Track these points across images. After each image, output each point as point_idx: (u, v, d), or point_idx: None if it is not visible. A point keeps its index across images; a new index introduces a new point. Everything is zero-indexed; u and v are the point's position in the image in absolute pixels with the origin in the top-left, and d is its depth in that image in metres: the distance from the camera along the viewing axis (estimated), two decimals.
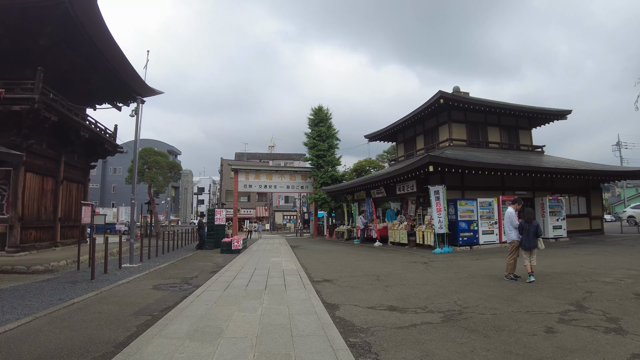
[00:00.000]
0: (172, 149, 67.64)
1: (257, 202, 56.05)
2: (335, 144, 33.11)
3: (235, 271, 10.80)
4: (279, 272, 10.43)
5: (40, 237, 15.49)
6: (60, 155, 16.89)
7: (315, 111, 33.40)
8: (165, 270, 11.28)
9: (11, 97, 13.37)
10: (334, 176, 31.92)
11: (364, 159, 34.78)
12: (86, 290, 8.12)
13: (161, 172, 31.91)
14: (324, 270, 10.94)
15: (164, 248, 17.58)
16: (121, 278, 9.66)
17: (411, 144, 25.56)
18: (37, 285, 8.76)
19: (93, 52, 15.88)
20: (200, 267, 12.12)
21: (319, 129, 32.64)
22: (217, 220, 20.67)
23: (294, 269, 11.18)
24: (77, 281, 9.37)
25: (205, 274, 10.52)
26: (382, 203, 24.42)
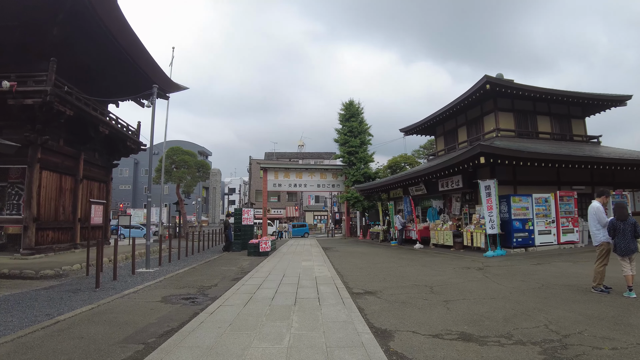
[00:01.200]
0: (203, 149, 67.58)
1: (287, 202, 54.91)
2: (367, 140, 31.37)
3: (261, 278, 9.35)
4: (311, 280, 8.90)
5: (58, 239, 14.60)
6: (80, 153, 16.00)
7: (346, 106, 31.77)
8: (183, 276, 9.97)
9: (23, 90, 12.55)
10: (367, 174, 30.20)
11: (398, 155, 32.90)
12: (84, 302, 6.87)
13: (189, 171, 31.16)
14: (363, 279, 9.33)
15: (187, 250, 16.46)
16: (130, 286, 8.39)
17: (452, 136, 23.53)
18: (32, 295, 7.62)
19: (110, 44, 14.90)
20: (223, 272, 10.76)
21: (350, 124, 30.99)
22: (245, 221, 19.39)
23: (328, 276, 9.63)
24: (80, 290, 8.18)
25: (227, 281, 9.12)
26: (422, 201, 22.55)
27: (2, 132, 13.73)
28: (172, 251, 15.85)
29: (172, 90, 21.68)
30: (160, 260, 12.80)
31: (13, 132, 13.45)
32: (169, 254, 13.94)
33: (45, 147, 13.70)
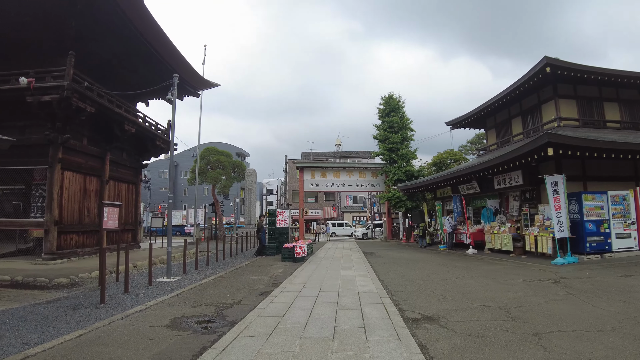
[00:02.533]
0: (241, 151, 67.33)
1: (325, 203, 53.49)
2: (409, 136, 29.38)
3: (293, 293, 7.88)
4: (352, 298, 7.32)
5: (83, 243, 13.82)
6: (105, 153, 15.23)
7: (386, 100, 29.92)
8: (205, 288, 8.67)
9: (41, 87, 11.79)
10: (410, 172, 28.23)
11: (444, 151, 30.63)
12: (77, 324, 5.72)
13: (224, 172, 30.33)
14: (417, 295, 7.67)
15: (217, 254, 15.25)
16: (139, 302, 7.16)
17: (505, 128, 21.24)
18: (26, 312, 6.56)
19: (133, 37, 14.04)
20: (251, 283, 9.39)
21: (390, 119, 29.13)
22: (280, 222, 18.06)
23: (374, 291, 8.01)
24: (83, 305, 7.04)
25: (253, 296, 7.72)
26: (474, 201, 20.43)
27: (24, 132, 13.12)
28: (202, 255, 14.81)
29: (203, 87, 20.81)
30: (185, 267, 11.63)
31: (34, 132, 12.80)
32: (195, 260, 12.76)
33: (67, 147, 12.92)
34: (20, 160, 12.84)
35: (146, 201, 48.10)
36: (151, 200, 55.72)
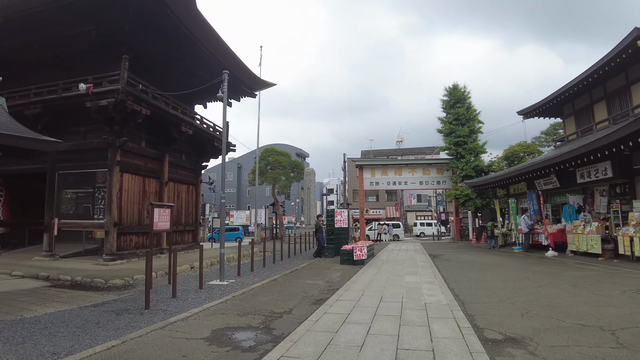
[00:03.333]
0: (300, 151, 67.65)
1: (387, 202, 51.90)
2: (477, 128, 27.27)
3: (351, 302, 7.02)
4: (418, 311, 6.31)
5: (143, 244, 13.96)
6: (164, 155, 15.36)
7: (450, 91, 28.06)
8: (256, 293, 8.08)
9: (98, 92, 12.00)
10: (479, 167, 26.19)
11: (516, 144, 28.16)
12: (115, 332, 5.40)
13: (283, 172, 30.24)
14: (494, 307, 6.50)
15: (274, 255, 14.78)
16: (184, 309, 6.69)
17: (585, 115, 18.84)
18: (72, 315, 6.39)
19: (189, 42, 14.09)
20: (306, 288, 8.67)
21: (455, 111, 27.23)
22: (338, 223, 17.23)
23: (443, 302, 6.93)
24: (127, 310, 6.73)
25: (306, 305, 6.97)
26: (553, 197, 18.33)
27: (86, 136, 13.50)
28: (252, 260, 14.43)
29: (259, 87, 20.62)
30: (239, 269, 11.20)
31: (95, 136, 13.12)
32: (251, 262, 12.34)
33: (125, 149, 13.10)
34: (84, 164, 13.24)
35: (211, 202, 49.57)
36: (216, 201, 57.39)
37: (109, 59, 12.83)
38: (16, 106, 13.10)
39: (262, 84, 20.37)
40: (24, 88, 13.33)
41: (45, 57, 13.84)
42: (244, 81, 18.41)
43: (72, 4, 11.57)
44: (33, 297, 7.91)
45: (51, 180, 13.49)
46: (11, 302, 7.47)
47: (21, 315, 6.40)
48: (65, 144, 13.54)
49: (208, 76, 17.38)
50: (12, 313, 6.56)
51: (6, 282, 9.69)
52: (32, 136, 6.39)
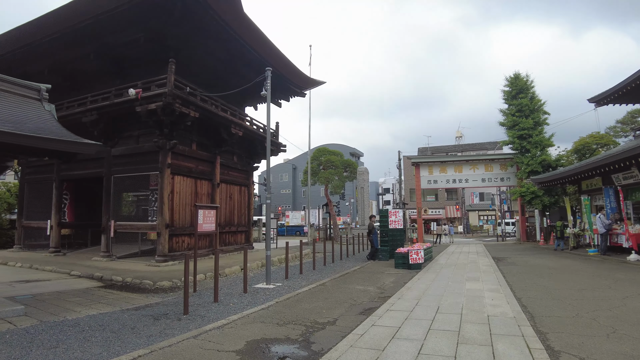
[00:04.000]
0: (355, 151, 67.10)
1: (446, 201, 49.73)
2: (543, 120, 25.06)
3: (403, 313, 6.32)
4: (480, 325, 5.49)
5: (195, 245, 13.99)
6: (215, 156, 15.40)
7: (511, 80, 26.05)
8: (301, 300, 7.59)
9: (147, 96, 12.14)
10: (546, 161, 24.05)
11: (587, 135, 25.60)
12: (148, 339, 5.19)
13: (336, 171, 29.71)
14: (570, 324, 5.52)
15: (325, 257, 14.30)
16: (223, 315, 6.36)
17: None
18: (111, 319, 6.25)
19: (236, 44, 14.06)
20: (354, 295, 8.05)
21: (518, 101, 25.22)
22: (393, 224, 16.38)
23: (509, 315, 6.03)
24: (166, 315, 6.53)
25: (352, 314, 6.37)
26: (634, 193, 16.23)
27: (138, 140, 13.78)
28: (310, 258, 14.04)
29: (308, 86, 20.24)
30: (287, 272, 10.79)
31: (146, 140, 13.33)
32: (299, 265, 11.92)
33: (176, 152, 13.20)
34: (137, 167, 13.52)
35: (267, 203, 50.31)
36: (272, 202, 58.25)
37: (158, 64, 12.96)
38: (75, 114, 13.70)
39: (311, 83, 20.00)
40: (81, 97, 13.88)
41: (101, 66, 14.34)
42: (293, 80, 18.12)
43: (121, 14, 11.76)
44: (82, 298, 7.98)
45: (107, 184, 13.92)
46: (61, 302, 7.56)
47: (64, 317, 6.38)
48: (120, 148, 14.00)
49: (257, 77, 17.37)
50: (56, 314, 6.57)
51: (64, 281, 10.00)
52: (72, 139, 6.29)
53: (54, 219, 15.21)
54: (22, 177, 17.30)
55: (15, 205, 19.60)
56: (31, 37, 13.56)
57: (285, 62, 16.49)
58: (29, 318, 6.27)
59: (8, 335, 5.37)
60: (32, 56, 14.61)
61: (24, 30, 13.39)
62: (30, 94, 7.83)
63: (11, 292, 8.35)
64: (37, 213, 16.26)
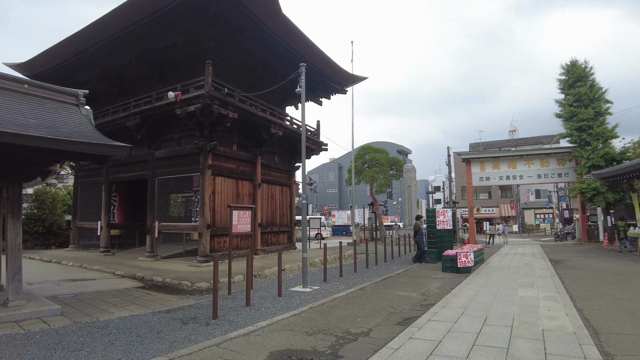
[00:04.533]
0: (402, 148, 65.53)
1: (500, 199, 47.27)
2: (604, 109, 22.93)
3: (446, 324, 5.76)
4: (533, 342, 4.82)
5: (236, 245, 14.02)
6: (256, 157, 15.36)
7: (568, 68, 24.10)
8: (336, 306, 7.17)
9: (186, 98, 12.27)
10: (609, 155, 21.99)
11: None
12: (170, 345, 5.00)
13: (381, 169, 28.96)
14: None
15: (367, 259, 13.78)
16: (251, 321, 6.09)
17: None
18: (140, 322, 6.17)
19: (275, 44, 13.98)
20: (394, 302, 7.53)
21: (575, 90, 23.27)
22: (441, 224, 15.57)
23: (568, 329, 5.30)
24: (195, 319, 6.38)
25: (390, 325, 5.88)
26: None
27: (180, 143, 13.97)
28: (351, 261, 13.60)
29: (350, 82, 19.78)
30: (325, 274, 10.41)
31: (188, 142, 13.48)
32: (339, 266, 11.50)
33: (217, 153, 13.23)
34: (179, 169, 13.72)
35: (313, 203, 50.29)
36: (317, 201, 58.22)
37: (197, 67, 13.04)
38: (120, 118, 14.15)
39: (353, 79, 19.52)
40: (125, 102, 14.29)
41: (144, 71, 14.77)
42: (332, 77, 17.73)
43: (160, 18, 11.94)
44: (119, 298, 8.05)
45: (152, 186, 14.22)
46: (98, 302, 7.65)
47: (97, 318, 6.40)
48: (163, 151, 14.26)
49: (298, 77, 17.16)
50: (90, 315, 6.62)
51: (107, 281, 10.24)
52: (101, 142, 6.27)
53: (103, 220, 15.81)
54: (76, 181, 18.19)
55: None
56: (80, 47, 14.14)
57: (323, 58, 16.17)
58: (64, 318, 6.35)
59: (39, 335, 5.41)
60: (82, 65, 15.27)
61: (74, 40, 13.97)
62: (69, 99, 7.98)
63: (56, 291, 8.61)
64: (89, 214, 17.01)
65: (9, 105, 6.84)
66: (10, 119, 6.29)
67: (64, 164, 8.51)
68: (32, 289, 8.67)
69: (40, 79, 15.97)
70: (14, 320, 6.06)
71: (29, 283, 9.48)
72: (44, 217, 19.44)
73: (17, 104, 7.00)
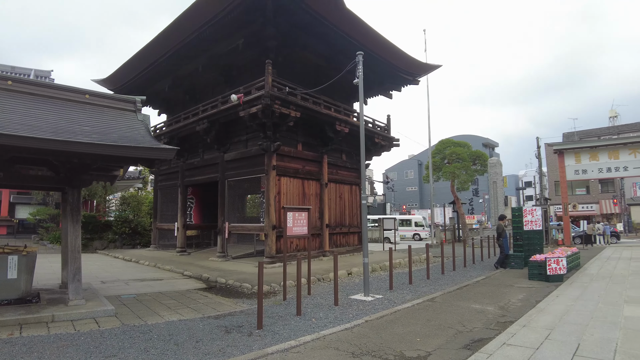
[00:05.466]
0: (488, 141, 61.32)
1: (601, 194, 41.79)
2: None
3: (524, 351, 4.74)
4: None
5: (304, 246, 13.72)
6: (322, 156, 14.99)
7: None
8: (395, 321, 6.40)
9: (248, 100, 12.26)
10: None
11: None
12: (202, 358, 4.66)
13: (462, 165, 27.01)
14: None
15: (442, 264, 12.59)
16: (297, 334, 5.61)
17: None
18: (182, 327, 5.99)
19: (335, 37, 13.45)
20: (466, 318, 6.54)
21: None
22: (528, 224, 13.84)
23: None
24: (240, 328, 6.07)
25: (454, 349, 5.00)
26: None
27: (247, 145, 14.03)
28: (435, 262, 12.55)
29: (421, 72, 18.55)
30: (392, 282, 9.56)
31: (253, 143, 13.51)
32: (409, 272, 10.54)
33: (281, 154, 13.07)
34: (246, 170, 13.83)
35: (391, 201, 48.95)
36: (396, 200, 56.60)
37: (260, 67, 12.90)
38: (190, 124, 14.62)
39: (424, 68, 18.20)
40: (195, 107, 14.73)
41: (211, 77, 15.23)
42: (402, 67, 16.69)
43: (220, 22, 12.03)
44: (176, 301, 8.06)
45: (222, 187, 14.48)
46: (154, 304, 7.71)
47: (145, 321, 6.36)
48: (231, 153, 14.43)
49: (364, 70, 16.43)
50: (142, 317, 6.63)
51: (173, 281, 10.48)
52: (144, 145, 6.20)
53: (179, 221, 16.48)
54: (156, 184, 19.31)
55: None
56: (151, 58, 14.89)
57: (390, 48, 15.22)
58: (116, 319, 6.41)
59: (84, 337, 5.44)
60: (155, 75, 16.09)
61: (145, 52, 14.71)
62: (127, 106, 8.17)
63: (123, 291, 8.92)
64: (168, 216, 17.89)
65: (70, 114, 7.12)
66: (66, 127, 6.47)
67: (127, 168, 8.70)
68: (102, 287, 9.17)
69: (122, 91, 17.23)
70: (70, 320, 6.26)
71: (102, 282, 10.01)
72: (130, 219, 20.97)
73: (76, 113, 7.26)
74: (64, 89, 7.67)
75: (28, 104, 6.87)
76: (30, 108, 6.78)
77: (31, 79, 11.55)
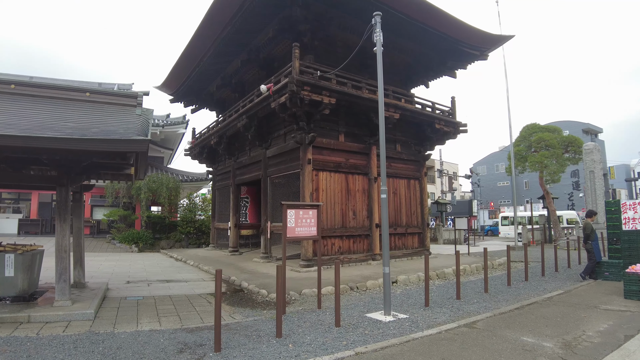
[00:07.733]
0: (589, 127, 53.46)
1: None
2: None
3: None
4: None
5: (349, 248, 12.59)
6: (369, 147, 13.60)
7: None
8: (397, 356, 4.98)
9: (277, 89, 11.38)
10: None
11: None
12: None
13: (552, 153, 23.31)
14: None
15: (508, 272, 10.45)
16: None
17: None
18: (135, 342, 5.07)
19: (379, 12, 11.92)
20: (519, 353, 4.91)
21: None
22: (629, 223, 10.99)
23: None
24: (201, 346, 5.07)
25: None
26: None
27: (285, 139, 13.26)
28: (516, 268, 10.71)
29: (489, 45, 15.91)
30: (427, 297, 7.72)
31: (290, 137, 12.76)
32: (456, 283, 8.75)
33: (319, 146, 12.02)
34: (285, 166, 13.06)
35: (477, 198, 45.10)
36: (483, 197, 52.09)
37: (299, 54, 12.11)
38: (233, 121, 14.22)
39: (492, 41, 15.39)
40: (236, 104, 14.36)
41: (254, 71, 14.76)
42: (464, 41, 14.36)
43: (248, 12, 11.44)
44: (176, 306, 7.49)
45: (264, 185, 13.88)
46: (148, 309, 7.21)
47: (113, 330, 5.84)
48: (272, 149, 13.74)
49: (419, 48, 14.73)
50: (116, 324, 6.14)
51: (197, 283, 10.12)
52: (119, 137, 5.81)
53: (231, 220, 16.28)
54: (213, 184, 19.47)
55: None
56: (196, 57, 14.79)
57: (446, 18, 13.18)
58: (88, 325, 6.02)
59: (30, 342, 5.06)
60: (204, 76, 16.10)
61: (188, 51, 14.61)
62: (129, 102, 7.91)
63: (136, 292, 8.63)
64: (224, 215, 17.86)
65: (62, 112, 6.94)
66: (48, 124, 6.28)
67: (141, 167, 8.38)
68: (121, 287, 9.08)
69: (178, 95, 17.59)
70: (45, 321, 6.02)
71: (127, 282, 9.92)
72: (193, 219, 21.49)
73: (71, 111, 7.12)
74: (65, 88, 7.61)
75: (27, 105, 6.93)
76: (21, 109, 6.74)
77: (31, 81, 11.95)
